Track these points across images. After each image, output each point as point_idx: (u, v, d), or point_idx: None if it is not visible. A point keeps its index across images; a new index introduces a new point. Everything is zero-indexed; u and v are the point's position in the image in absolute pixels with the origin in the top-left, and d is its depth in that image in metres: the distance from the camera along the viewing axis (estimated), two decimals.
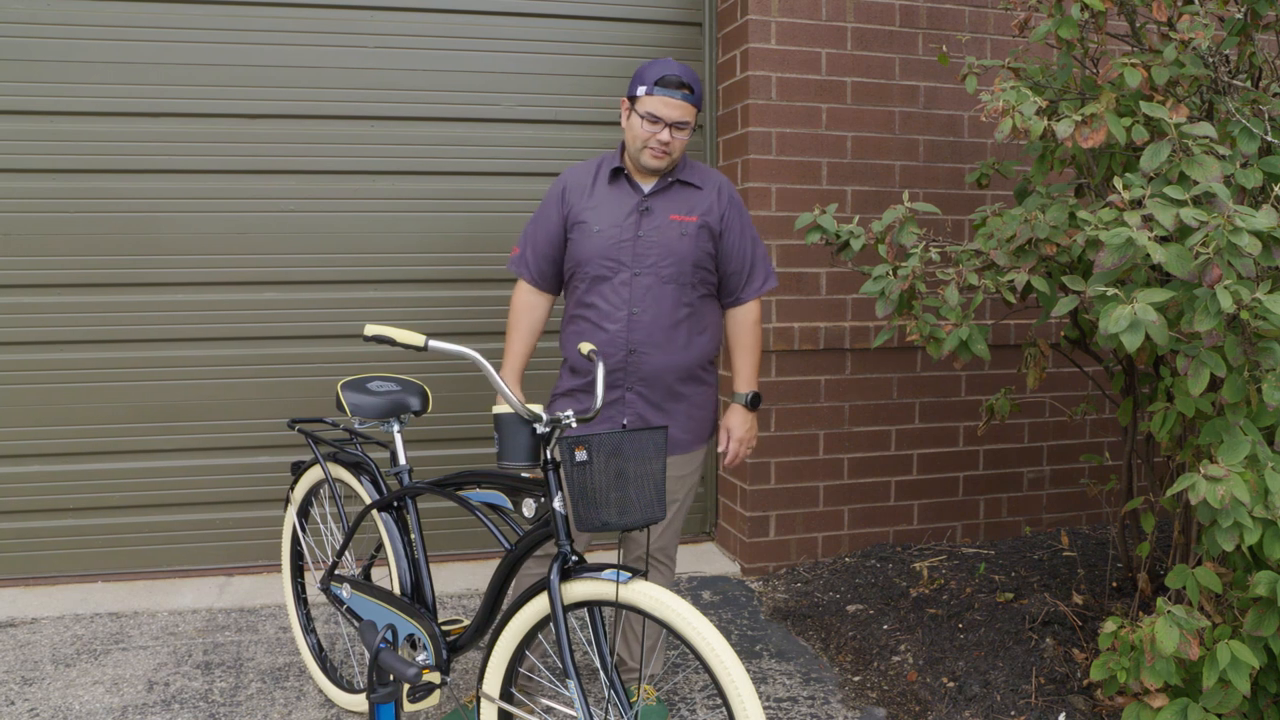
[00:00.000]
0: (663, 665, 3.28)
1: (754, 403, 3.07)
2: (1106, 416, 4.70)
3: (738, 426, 3.07)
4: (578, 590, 2.38)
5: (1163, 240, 2.50)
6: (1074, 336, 3.41)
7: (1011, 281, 2.88)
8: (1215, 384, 2.73)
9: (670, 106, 2.81)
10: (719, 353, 3.15)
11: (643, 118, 2.85)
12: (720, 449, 3.09)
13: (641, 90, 2.83)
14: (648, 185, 2.98)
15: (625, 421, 2.96)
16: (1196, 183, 2.54)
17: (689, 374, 3.00)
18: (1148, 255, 2.40)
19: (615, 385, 2.96)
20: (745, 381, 3.07)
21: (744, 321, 3.07)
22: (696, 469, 3.10)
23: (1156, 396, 3.13)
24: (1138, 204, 2.54)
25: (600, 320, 2.94)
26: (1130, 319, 2.37)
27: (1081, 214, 2.62)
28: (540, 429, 2.43)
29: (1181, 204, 2.48)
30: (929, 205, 3.15)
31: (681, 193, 2.98)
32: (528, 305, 3.07)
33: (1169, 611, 2.59)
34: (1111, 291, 2.45)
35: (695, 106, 2.86)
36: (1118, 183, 2.57)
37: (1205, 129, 2.60)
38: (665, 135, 2.83)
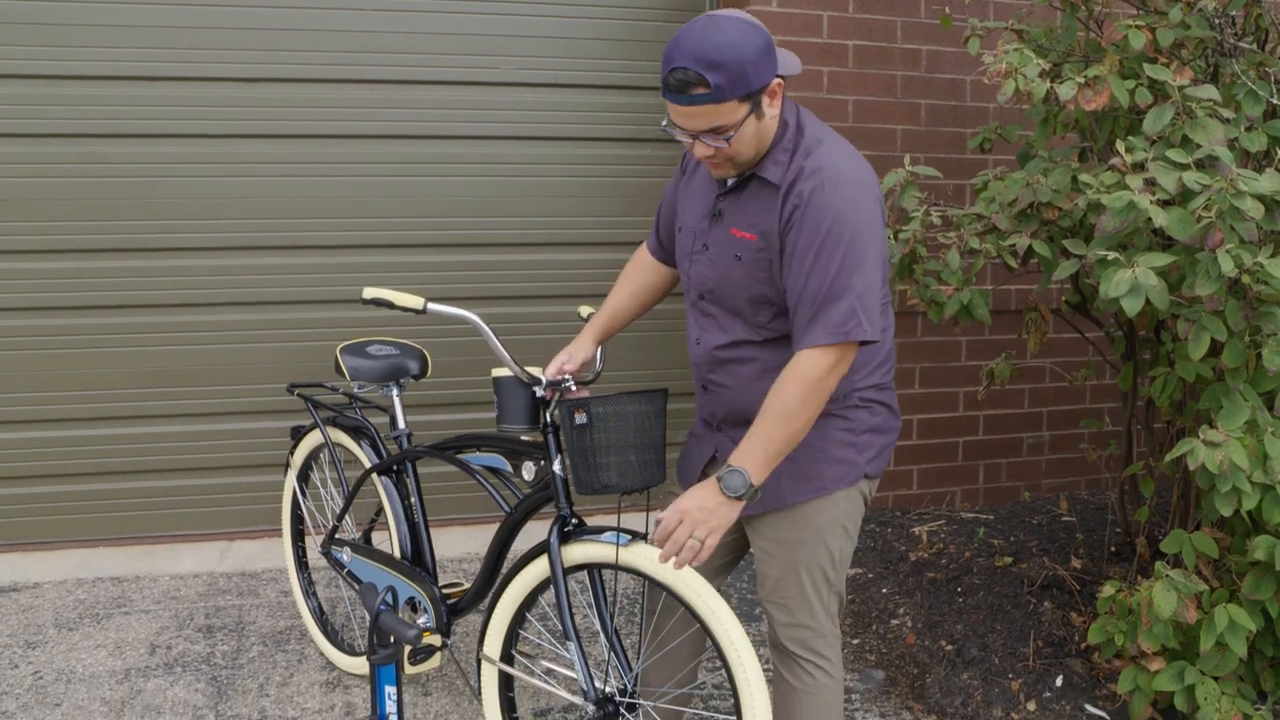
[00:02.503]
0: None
1: (733, 482, 2.05)
2: (1107, 382, 4.70)
3: (685, 499, 2.08)
4: (577, 553, 2.38)
5: (1165, 204, 2.48)
6: (1075, 301, 3.40)
7: (1013, 246, 2.87)
8: (1216, 349, 2.73)
9: (685, 116, 2.03)
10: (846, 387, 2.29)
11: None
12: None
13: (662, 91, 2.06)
14: (726, 174, 2.20)
15: (717, 454, 2.36)
16: (1199, 146, 2.52)
17: None
18: (1149, 219, 2.39)
19: (709, 422, 2.39)
20: (739, 454, 2.08)
21: (781, 376, 2.08)
22: (813, 532, 2.28)
23: (1157, 361, 3.12)
24: (1140, 167, 2.53)
25: (688, 342, 2.38)
26: (1131, 283, 2.37)
27: (1083, 177, 2.61)
28: (539, 392, 2.43)
29: (1184, 167, 2.47)
30: (930, 169, 3.13)
31: (756, 194, 2.17)
32: (639, 261, 2.54)
33: (1167, 575, 2.60)
34: (1113, 255, 2.44)
35: (734, 98, 1.99)
36: (1120, 146, 2.55)
37: (1209, 92, 2.59)
38: (702, 149, 2.08)
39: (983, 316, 3.01)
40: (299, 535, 3.48)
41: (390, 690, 2.02)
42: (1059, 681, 3.13)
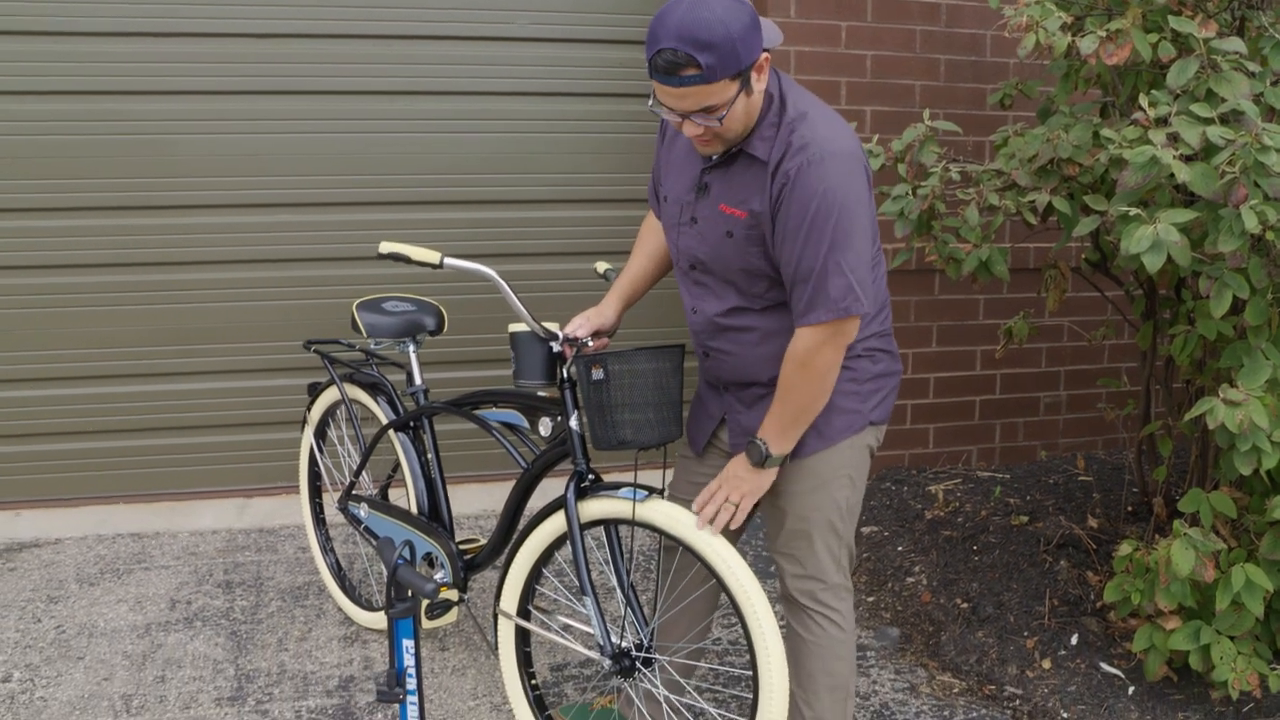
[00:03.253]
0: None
1: (752, 454, 2.22)
2: (1125, 342, 4.67)
3: (730, 472, 2.27)
4: (594, 509, 2.39)
5: (1188, 159, 2.45)
6: (1094, 259, 3.37)
7: (1033, 202, 2.84)
8: (1237, 307, 2.70)
9: (674, 97, 1.99)
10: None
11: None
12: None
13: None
14: (714, 150, 2.17)
15: (725, 416, 2.40)
16: (1224, 100, 2.49)
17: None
18: (1172, 174, 2.36)
19: (713, 385, 2.42)
20: (762, 429, 2.22)
21: (786, 355, 2.17)
22: (820, 484, 2.31)
23: (1177, 320, 3.10)
24: (1163, 122, 2.49)
25: (684, 310, 2.39)
26: (1152, 239, 2.34)
27: (1105, 132, 2.57)
28: (556, 347, 2.42)
29: (1208, 122, 2.44)
30: (949, 124, 3.10)
31: (744, 170, 2.15)
32: (650, 225, 2.54)
33: (1185, 534, 2.59)
34: (1134, 212, 2.41)
35: (725, 78, 1.96)
36: (1143, 99, 2.52)
37: (1235, 44, 2.54)
38: (691, 129, 2.05)
39: (1001, 274, 2.98)
40: (316, 492, 3.50)
41: (408, 644, 2.03)
42: (1074, 640, 3.14)
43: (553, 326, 2.44)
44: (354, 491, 3.23)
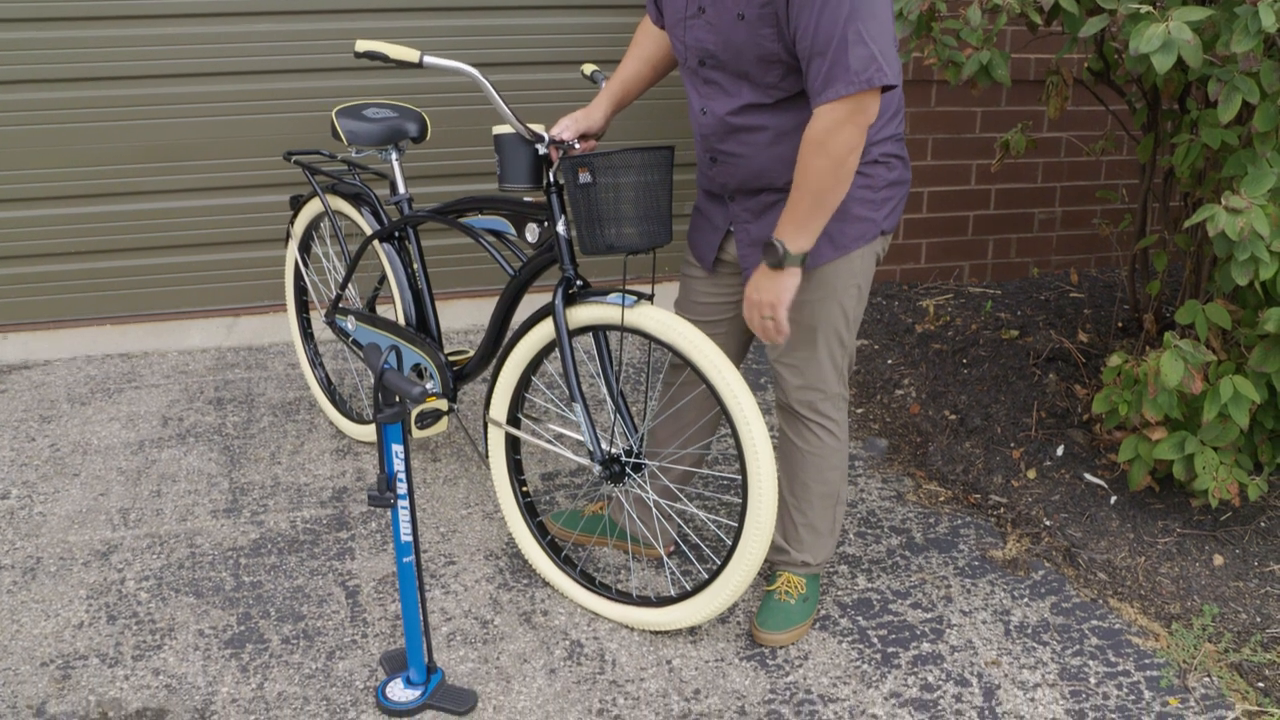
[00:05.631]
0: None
1: (769, 255, 2.10)
2: (1123, 158, 4.59)
3: (750, 289, 2.18)
4: (583, 315, 2.36)
5: None
6: (1098, 68, 3.27)
7: (1038, 1, 2.73)
8: (1243, 118, 2.63)
9: None
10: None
11: None
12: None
13: None
14: None
15: (731, 228, 2.34)
16: None
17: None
18: None
19: (716, 195, 2.36)
20: (779, 227, 2.10)
21: (804, 139, 2.04)
22: (829, 293, 2.27)
23: (1180, 131, 3.02)
24: None
25: (690, 113, 2.30)
26: (1163, 38, 2.26)
27: None
28: (542, 149, 2.35)
29: None
30: None
31: None
32: (645, 30, 2.45)
33: (1176, 346, 2.58)
34: (1145, 9, 2.32)
35: None
36: None
37: None
38: None
39: (1002, 78, 2.89)
40: (303, 307, 3.47)
41: (397, 449, 2.03)
42: (1060, 451, 3.17)
43: (539, 128, 2.36)
44: (340, 305, 3.20)
